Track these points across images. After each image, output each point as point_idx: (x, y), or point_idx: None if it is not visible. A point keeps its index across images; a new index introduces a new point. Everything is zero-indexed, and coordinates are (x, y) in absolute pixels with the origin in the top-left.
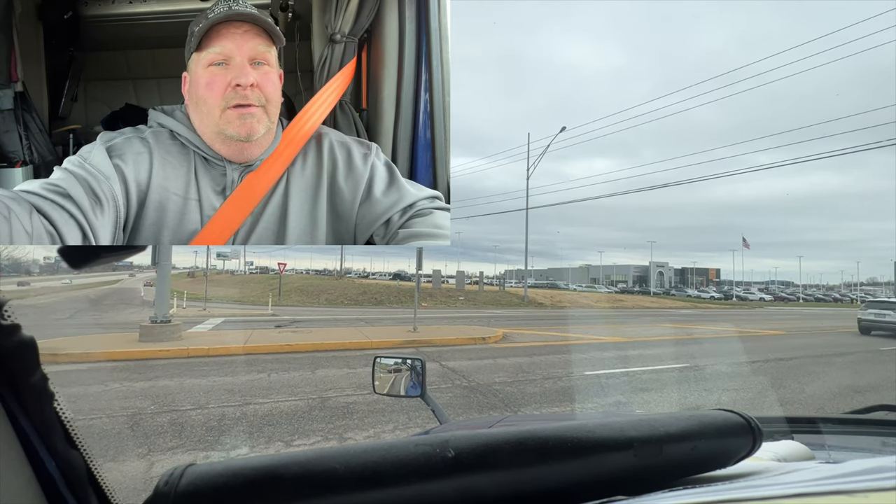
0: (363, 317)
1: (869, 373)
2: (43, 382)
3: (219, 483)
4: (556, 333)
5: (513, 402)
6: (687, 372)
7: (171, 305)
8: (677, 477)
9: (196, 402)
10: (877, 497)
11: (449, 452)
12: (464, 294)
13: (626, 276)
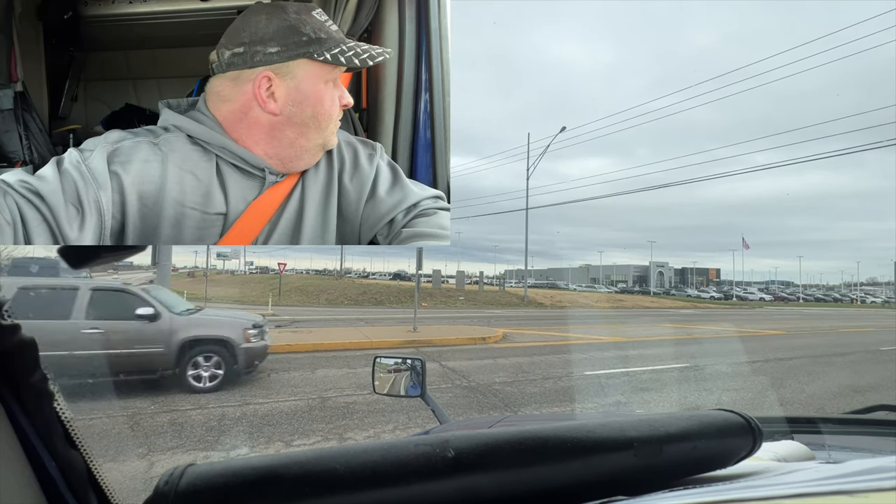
0: (363, 317)
1: (869, 373)
2: (43, 382)
3: (219, 483)
4: (556, 333)
5: (513, 402)
6: (687, 372)
7: None
8: (677, 477)
9: (196, 402)
10: (877, 497)
11: (449, 452)
12: (464, 294)
13: (626, 276)
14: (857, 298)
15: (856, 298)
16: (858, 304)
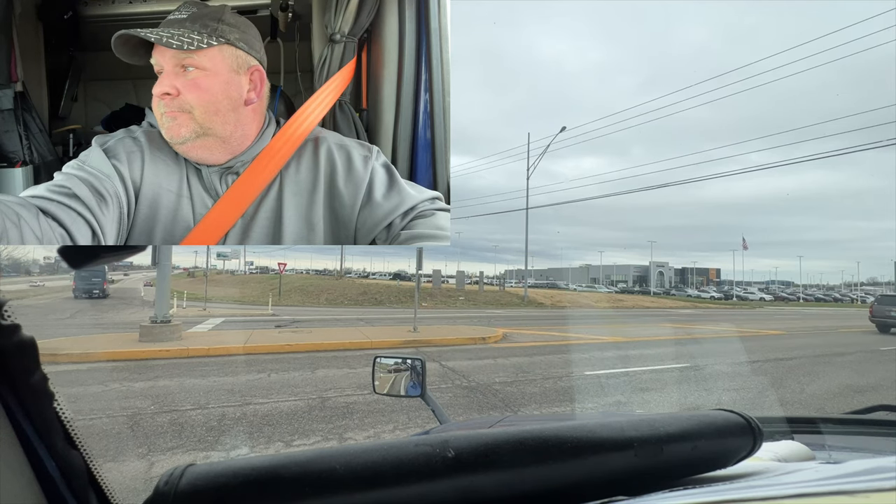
0: (363, 317)
1: (869, 372)
2: (43, 382)
3: (219, 483)
4: (556, 333)
5: (513, 402)
6: (687, 372)
7: (171, 305)
8: (677, 477)
9: (196, 402)
10: (877, 497)
11: (449, 452)
12: (464, 294)
13: (626, 276)
14: (858, 298)
15: (856, 298)
16: (859, 304)
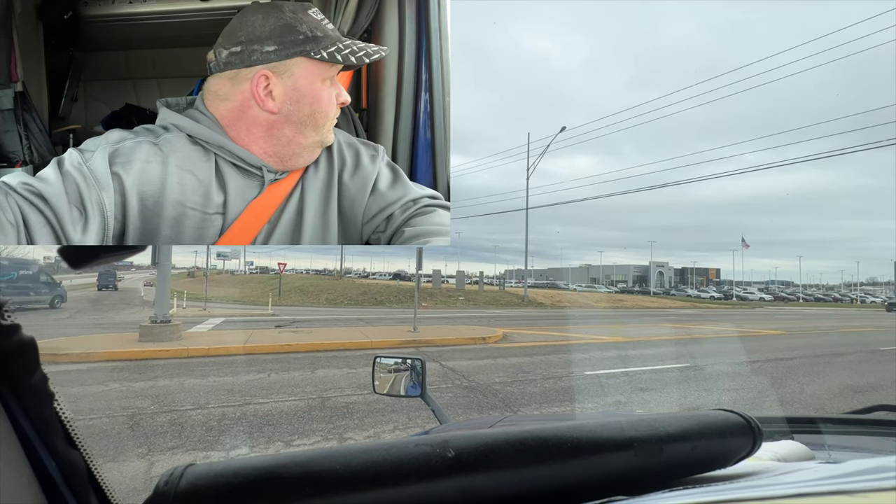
0: (363, 317)
1: (869, 373)
2: (43, 382)
3: (219, 483)
4: (556, 333)
5: (513, 402)
6: (687, 372)
7: (171, 305)
8: (677, 477)
9: (196, 402)
10: (877, 497)
11: (449, 452)
12: (464, 294)
13: (626, 276)
14: (857, 298)
15: (856, 298)
16: (858, 304)
